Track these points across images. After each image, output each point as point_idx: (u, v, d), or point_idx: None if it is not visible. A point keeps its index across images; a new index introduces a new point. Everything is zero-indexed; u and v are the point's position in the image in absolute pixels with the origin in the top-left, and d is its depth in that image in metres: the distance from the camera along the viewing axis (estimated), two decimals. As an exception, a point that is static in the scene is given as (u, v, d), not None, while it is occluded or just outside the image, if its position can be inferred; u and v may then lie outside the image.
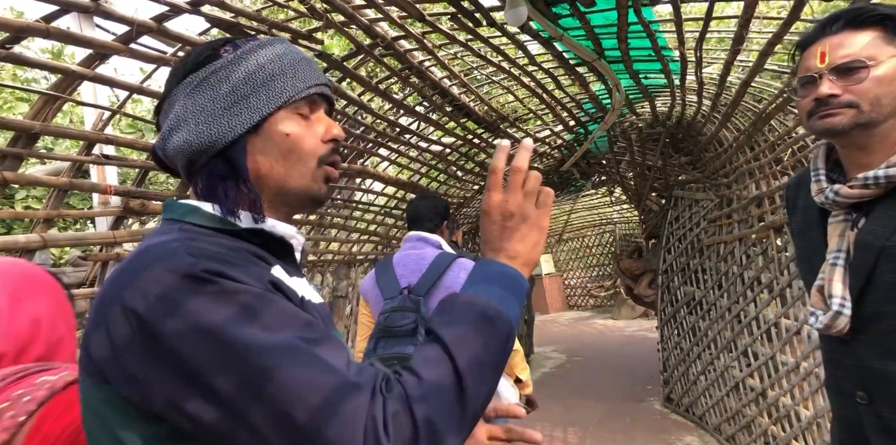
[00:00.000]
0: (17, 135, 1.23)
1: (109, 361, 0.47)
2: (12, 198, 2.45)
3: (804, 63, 0.85)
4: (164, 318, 0.45)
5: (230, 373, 0.44)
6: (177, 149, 0.57)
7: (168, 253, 0.49)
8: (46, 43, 3.13)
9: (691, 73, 2.22)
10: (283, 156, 0.58)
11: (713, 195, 3.31)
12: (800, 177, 0.98)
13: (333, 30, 1.73)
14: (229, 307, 0.46)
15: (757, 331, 2.69)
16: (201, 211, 0.57)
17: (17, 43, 1.14)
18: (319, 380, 0.45)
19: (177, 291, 0.46)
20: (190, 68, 0.59)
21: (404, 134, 2.87)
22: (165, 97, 0.60)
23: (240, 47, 0.59)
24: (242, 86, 0.57)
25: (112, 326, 0.47)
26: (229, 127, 0.57)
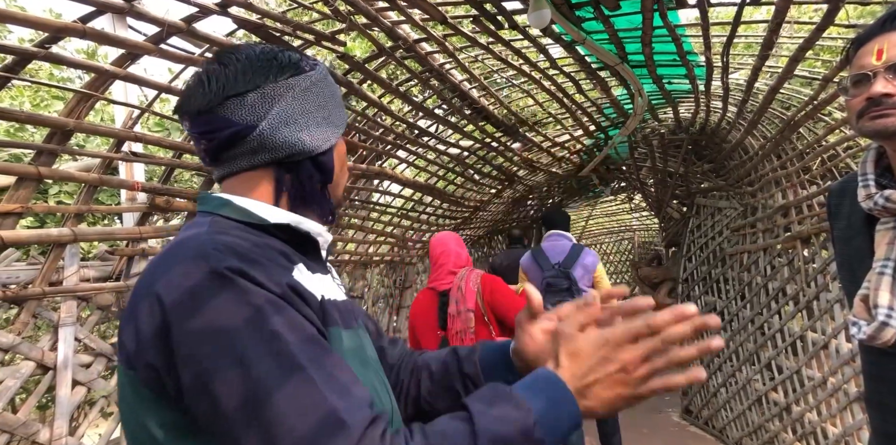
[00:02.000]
0: (52, 131, 1.26)
1: (135, 347, 0.50)
2: (46, 193, 2.53)
3: (859, 60, 0.81)
4: (184, 312, 0.47)
5: (229, 378, 0.46)
6: (287, 141, 0.61)
7: (197, 247, 0.51)
8: (81, 44, 3.23)
9: (717, 78, 2.18)
10: (342, 170, 0.68)
11: (737, 203, 3.23)
12: (844, 183, 0.95)
13: (356, 32, 1.74)
14: (244, 310, 0.47)
15: (781, 344, 2.61)
16: (233, 204, 0.60)
17: (55, 43, 1.17)
18: (311, 407, 0.45)
19: (200, 287, 0.48)
20: (292, 72, 0.63)
21: (423, 136, 2.87)
22: (257, 87, 0.60)
23: (315, 65, 0.66)
24: (332, 102, 0.66)
25: (141, 314, 0.49)
26: (327, 136, 0.64)
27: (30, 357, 1.36)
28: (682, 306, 0.51)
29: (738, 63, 2.39)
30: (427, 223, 3.85)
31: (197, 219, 0.60)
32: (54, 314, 1.42)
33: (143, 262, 1.61)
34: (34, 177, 1.23)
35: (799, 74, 2.01)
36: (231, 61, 0.62)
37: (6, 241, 1.18)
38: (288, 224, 0.60)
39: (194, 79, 0.63)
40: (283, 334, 0.47)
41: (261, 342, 0.46)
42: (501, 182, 3.95)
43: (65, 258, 1.41)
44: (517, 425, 0.47)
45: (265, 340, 0.47)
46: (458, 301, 1.84)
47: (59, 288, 1.40)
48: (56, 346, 1.41)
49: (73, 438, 1.43)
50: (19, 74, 1.12)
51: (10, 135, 2.84)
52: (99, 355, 1.54)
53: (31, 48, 1.11)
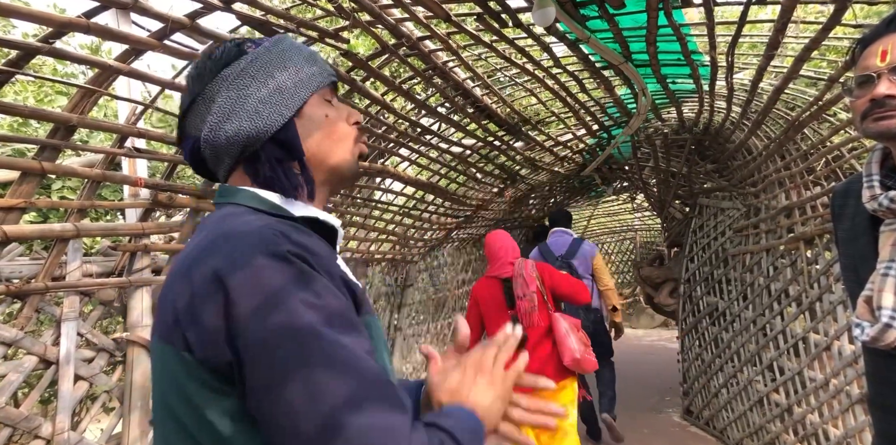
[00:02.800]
0: (55, 127, 1.26)
1: (192, 324, 0.48)
2: (49, 188, 2.54)
3: (864, 61, 0.81)
4: (246, 289, 0.47)
5: (286, 357, 0.45)
6: (231, 137, 0.60)
7: (256, 231, 0.51)
8: (85, 39, 3.24)
9: (721, 78, 2.17)
10: (327, 135, 0.63)
11: (740, 204, 3.22)
12: (848, 183, 0.94)
13: (359, 29, 1.74)
14: (306, 294, 0.47)
15: (784, 345, 2.60)
16: (258, 197, 0.60)
17: (59, 38, 1.17)
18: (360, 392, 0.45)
19: (263, 266, 0.48)
20: (223, 64, 0.62)
21: (425, 134, 2.87)
22: (196, 96, 0.62)
23: (260, 43, 0.63)
24: (280, 74, 0.61)
25: (198, 291, 0.49)
26: (279, 112, 0.60)
27: (32, 351, 1.36)
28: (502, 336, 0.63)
29: (743, 63, 2.38)
30: (429, 221, 3.85)
31: (228, 210, 0.59)
32: (57, 309, 1.43)
33: (145, 258, 1.62)
34: (37, 172, 1.24)
35: (804, 75, 2.00)
36: (188, 78, 0.64)
37: (9, 236, 1.19)
38: (316, 217, 0.61)
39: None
40: (340, 323, 0.48)
41: (321, 324, 0.47)
42: (503, 181, 3.95)
43: (67, 253, 1.41)
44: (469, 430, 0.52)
45: (325, 323, 0.47)
46: (522, 285, 2.26)
47: (61, 284, 1.40)
48: (58, 341, 1.41)
49: (75, 432, 1.43)
50: (23, 69, 1.12)
51: (14, 130, 2.85)
52: (101, 350, 1.54)
53: (35, 43, 1.11)
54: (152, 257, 1.65)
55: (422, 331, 4.18)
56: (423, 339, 4.16)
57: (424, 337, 4.19)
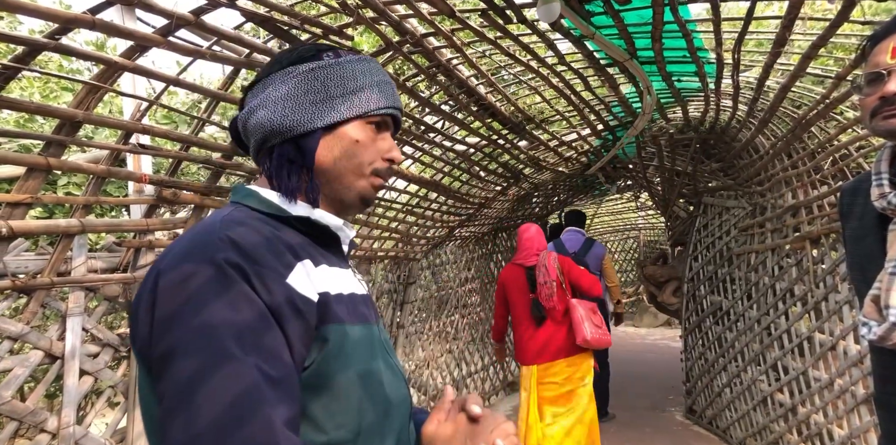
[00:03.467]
0: (61, 123, 1.27)
1: (135, 322, 0.51)
2: (55, 184, 2.55)
3: (874, 58, 0.80)
4: (168, 293, 0.48)
5: (177, 369, 0.45)
6: (257, 124, 0.63)
7: (205, 234, 0.53)
8: (90, 35, 3.25)
9: (727, 76, 2.15)
10: (347, 156, 0.64)
11: (745, 203, 3.20)
12: (857, 182, 0.94)
13: (363, 26, 1.73)
14: (222, 306, 0.47)
15: (788, 345, 2.59)
16: (258, 195, 0.62)
17: (64, 34, 1.17)
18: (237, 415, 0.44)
19: (192, 273, 0.48)
20: (294, 60, 0.64)
21: (429, 132, 2.86)
22: (260, 79, 0.65)
23: (341, 56, 0.66)
24: (334, 89, 0.64)
25: (142, 289, 0.52)
26: (310, 119, 0.62)
27: (38, 346, 1.37)
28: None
29: (750, 60, 2.36)
30: (432, 219, 3.85)
31: (224, 209, 0.62)
32: (62, 304, 1.44)
33: (149, 254, 1.62)
34: (43, 167, 1.24)
35: (811, 72, 1.98)
36: (270, 60, 0.67)
37: (15, 231, 1.19)
38: (308, 217, 0.61)
39: None
40: (238, 349, 0.46)
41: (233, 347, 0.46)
42: (507, 179, 3.94)
43: (73, 249, 1.42)
44: None
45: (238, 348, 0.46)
46: (544, 274, 2.62)
47: (67, 279, 1.41)
48: (64, 336, 1.42)
49: (81, 427, 1.44)
50: (29, 65, 1.13)
51: (20, 126, 2.86)
52: (106, 345, 1.55)
53: (41, 39, 1.12)
54: (157, 253, 1.66)
55: (424, 329, 4.18)
56: (425, 337, 4.17)
57: (426, 334, 4.20)
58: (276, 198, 0.62)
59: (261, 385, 0.45)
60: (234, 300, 0.48)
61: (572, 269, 2.67)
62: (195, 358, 0.45)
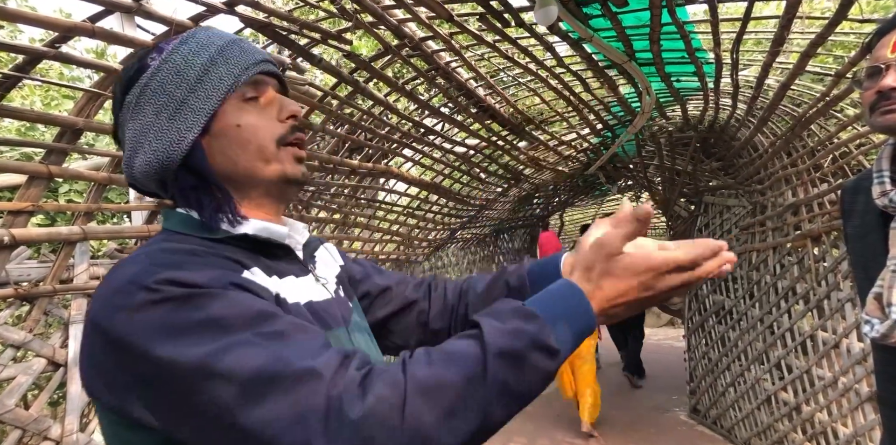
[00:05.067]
0: (62, 130, 1.27)
1: (90, 376, 0.47)
2: (56, 192, 2.56)
3: (875, 52, 0.80)
4: (122, 332, 0.43)
5: (164, 387, 0.42)
6: (142, 173, 0.55)
7: (130, 266, 0.47)
8: (90, 43, 3.25)
9: (726, 75, 2.15)
10: (242, 148, 0.55)
11: (746, 202, 3.20)
12: (858, 180, 0.93)
13: (362, 30, 1.74)
14: (173, 318, 0.43)
15: (791, 343, 2.58)
16: (191, 219, 0.55)
17: (65, 42, 1.18)
18: (265, 375, 0.41)
19: (133, 304, 0.44)
20: (125, 86, 0.55)
21: (429, 135, 2.87)
22: (115, 123, 0.58)
23: (164, 49, 0.55)
24: (177, 91, 0.54)
25: (86, 341, 0.47)
26: (179, 136, 0.54)
27: (41, 353, 1.37)
28: (713, 242, 0.50)
29: (748, 59, 2.36)
30: (433, 222, 3.85)
31: (157, 237, 0.55)
32: (65, 311, 1.44)
33: (151, 260, 1.62)
34: (44, 175, 1.24)
35: (810, 70, 1.99)
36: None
37: (17, 239, 1.20)
38: (244, 234, 0.54)
39: None
40: (222, 316, 0.43)
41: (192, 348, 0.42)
42: (507, 180, 3.94)
43: (75, 256, 1.42)
44: (529, 338, 0.44)
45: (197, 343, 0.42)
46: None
47: (69, 286, 1.41)
48: (66, 343, 1.42)
49: (84, 434, 1.44)
50: (30, 74, 1.13)
51: (21, 135, 2.87)
52: (109, 352, 1.55)
53: (41, 48, 1.12)
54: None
55: (427, 331, 4.18)
56: (428, 339, 4.17)
57: (430, 337, 4.19)
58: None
59: (262, 345, 0.42)
60: (187, 308, 0.44)
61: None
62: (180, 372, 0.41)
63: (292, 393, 0.40)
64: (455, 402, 0.41)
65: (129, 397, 0.44)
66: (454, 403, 0.41)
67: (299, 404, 0.40)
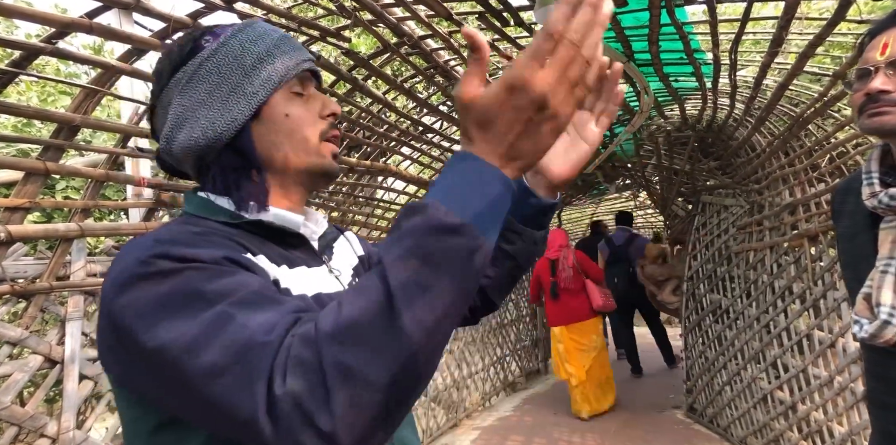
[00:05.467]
0: (59, 127, 1.27)
1: (97, 340, 0.49)
2: (53, 188, 2.55)
3: (865, 54, 0.80)
4: (122, 305, 0.44)
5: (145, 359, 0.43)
6: (184, 147, 0.56)
7: (138, 244, 0.49)
8: (88, 39, 3.24)
9: (724, 75, 2.16)
10: (287, 137, 0.58)
11: (743, 201, 3.21)
12: (849, 181, 0.94)
13: (361, 28, 1.74)
14: (155, 292, 0.43)
15: (787, 343, 2.60)
16: (210, 203, 0.57)
17: (61, 38, 1.17)
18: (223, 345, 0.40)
19: (126, 277, 0.45)
20: (176, 64, 0.57)
21: (427, 133, 2.87)
22: (156, 98, 0.59)
23: (219, 35, 0.58)
24: (233, 74, 0.56)
25: (99, 314, 0.49)
26: (231, 117, 0.56)
27: (38, 351, 1.37)
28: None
29: (746, 60, 2.37)
30: (431, 220, 3.85)
31: (178, 220, 0.57)
32: (61, 308, 1.43)
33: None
34: (41, 172, 1.24)
35: (808, 71, 1.99)
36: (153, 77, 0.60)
37: (14, 236, 1.19)
38: (259, 220, 0.56)
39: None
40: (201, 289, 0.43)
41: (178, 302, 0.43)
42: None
43: (72, 253, 1.42)
44: (419, 228, 0.39)
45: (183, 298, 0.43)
46: (563, 263, 3.94)
47: (66, 283, 1.41)
48: (63, 340, 1.42)
49: (81, 431, 1.44)
50: (27, 70, 1.13)
51: (18, 131, 2.86)
52: (106, 349, 1.55)
53: (38, 43, 1.11)
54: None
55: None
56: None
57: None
58: (228, 205, 0.57)
59: (227, 313, 0.42)
60: (178, 284, 0.44)
61: (584, 262, 4.00)
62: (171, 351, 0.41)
63: (246, 365, 0.39)
64: (370, 333, 0.37)
65: (129, 371, 0.46)
66: (370, 335, 0.37)
67: (250, 375, 0.39)
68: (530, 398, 4.68)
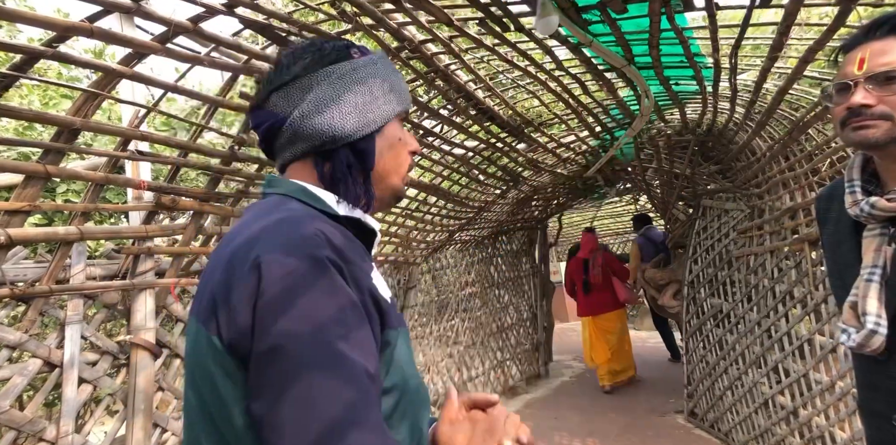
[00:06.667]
0: (59, 130, 1.27)
1: (224, 306, 0.50)
2: (53, 192, 2.55)
3: (842, 68, 0.81)
4: (278, 286, 0.48)
5: (297, 363, 0.46)
6: (317, 130, 0.62)
7: (304, 228, 0.53)
8: (89, 43, 3.24)
9: (725, 79, 2.16)
10: (394, 157, 0.67)
11: (744, 205, 3.21)
12: (832, 188, 0.94)
13: (361, 32, 1.74)
14: (331, 304, 0.49)
15: (789, 347, 2.59)
16: (309, 191, 0.62)
17: (62, 42, 1.18)
18: (348, 416, 0.46)
19: (300, 267, 0.49)
20: (332, 59, 0.64)
21: (427, 136, 2.87)
22: (294, 78, 0.63)
23: (366, 54, 0.67)
24: (377, 89, 0.65)
25: (238, 274, 0.50)
26: (367, 122, 0.63)
27: (37, 354, 1.37)
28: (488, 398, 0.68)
29: (747, 64, 2.37)
30: (431, 223, 3.85)
31: (276, 200, 0.61)
32: (61, 312, 1.43)
33: (149, 261, 1.62)
34: (42, 175, 1.24)
35: (808, 75, 1.99)
36: (283, 57, 0.65)
37: (14, 239, 1.19)
38: (359, 219, 0.62)
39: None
40: (356, 342, 0.49)
41: (338, 342, 0.48)
42: (506, 182, 3.94)
43: (71, 256, 1.42)
44: None
45: (342, 341, 0.48)
46: (592, 263, 4.83)
47: (65, 287, 1.41)
48: (62, 344, 1.42)
49: (79, 435, 1.44)
50: (28, 73, 1.13)
51: (19, 134, 2.86)
52: (105, 353, 1.55)
53: (39, 47, 1.12)
54: (155, 260, 1.66)
55: (424, 333, 4.17)
56: (425, 341, 4.16)
57: (427, 338, 4.19)
58: (331, 199, 0.62)
59: (370, 387, 0.48)
60: (338, 296, 0.49)
61: (611, 262, 4.94)
62: (307, 356, 0.46)
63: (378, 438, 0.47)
64: None
65: (238, 331, 0.49)
66: None
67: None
68: (531, 402, 4.67)
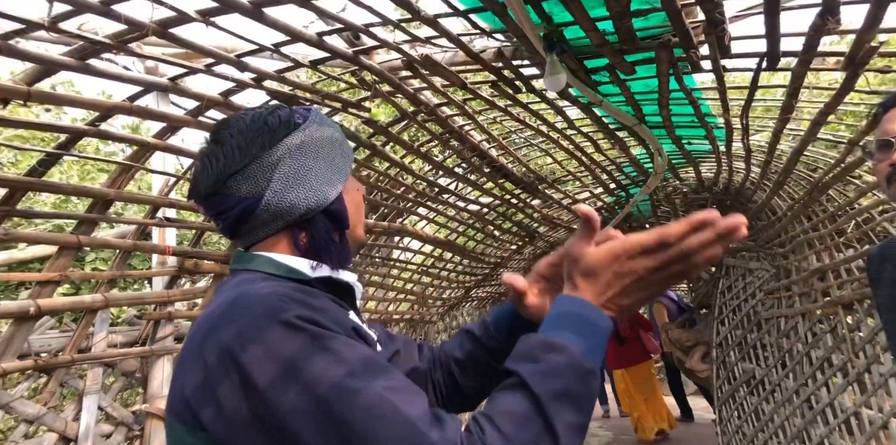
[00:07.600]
0: (94, 201, 1.33)
1: (207, 403, 0.48)
2: (83, 260, 2.61)
3: (884, 125, 0.82)
4: (259, 365, 0.46)
5: (317, 425, 0.45)
6: (294, 204, 0.62)
7: (263, 300, 0.51)
8: (126, 120, 3.44)
9: (737, 139, 2.18)
10: (356, 210, 0.68)
11: (768, 265, 3.12)
12: (882, 248, 0.92)
13: (381, 98, 1.83)
14: (321, 356, 0.47)
15: (833, 421, 2.39)
16: (276, 261, 0.62)
17: (104, 120, 1.26)
18: (399, 436, 0.45)
19: (272, 338, 0.47)
20: (285, 132, 0.64)
21: (443, 193, 2.92)
22: (254, 159, 0.62)
23: (306, 117, 0.66)
24: (334, 149, 0.66)
25: (211, 370, 0.48)
26: (334, 186, 0.65)
27: (53, 428, 1.34)
28: (698, 214, 0.51)
29: (759, 125, 2.40)
30: (447, 280, 3.81)
31: (242, 277, 0.60)
32: (80, 382, 1.42)
33: (168, 326, 1.62)
34: (74, 245, 1.28)
35: (823, 137, 2.00)
36: (225, 138, 0.63)
37: (43, 310, 1.21)
38: (329, 276, 0.62)
39: (196, 164, 0.65)
40: (362, 371, 0.48)
41: (344, 381, 0.47)
42: (522, 238, 3.93)
43: (95, 324, 1.43)
44: (569, 369, 0.48)
45: (349, 378, 0.47)
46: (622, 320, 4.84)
47: (87, 355, 1.41)
48: (79, 416, 1.39)
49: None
50: (70, 151, 1.20)
51: (56, 207, 3.00)
52: (119, 424, 1.51)
53: (82, 126, 1.20)
54: (175, 325, 1.66)
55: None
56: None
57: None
58: (294, 263, 0.61)
59: (391, 399, 0.47)
60: (328, 347, 0.48)
61: (637, 317, 5.15)
62: (329, 408, 0.45)
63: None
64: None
65: (236, 427, 0.46)
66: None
67: None
68: None
